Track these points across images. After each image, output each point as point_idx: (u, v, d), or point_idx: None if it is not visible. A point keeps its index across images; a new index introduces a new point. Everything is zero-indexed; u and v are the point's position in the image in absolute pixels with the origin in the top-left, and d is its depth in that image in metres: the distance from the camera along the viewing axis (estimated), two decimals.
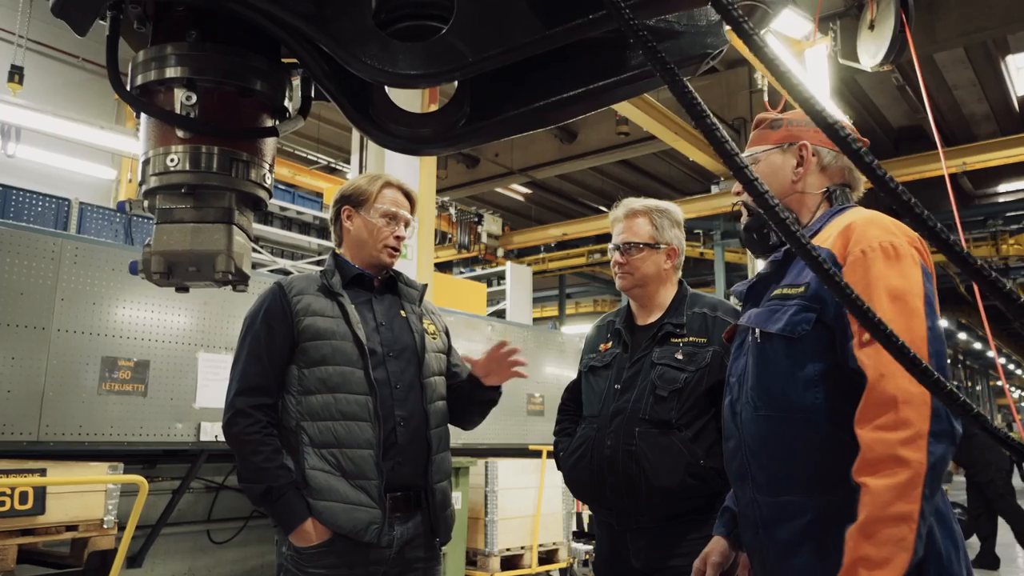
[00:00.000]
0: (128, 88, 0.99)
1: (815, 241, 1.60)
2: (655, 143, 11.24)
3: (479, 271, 13.38)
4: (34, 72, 6.66)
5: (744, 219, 1.79)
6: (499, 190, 15.05)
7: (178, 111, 0.96)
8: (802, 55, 4.86)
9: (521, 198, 16.01)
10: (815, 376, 1.50)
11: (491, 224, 14.48)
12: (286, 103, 1.07)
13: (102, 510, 2.95)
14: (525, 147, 13.52)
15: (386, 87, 1.04)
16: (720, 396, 1.81)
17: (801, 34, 4.71)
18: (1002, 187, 14.28)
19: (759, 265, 1.82)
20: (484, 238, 14.32)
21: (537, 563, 5.04)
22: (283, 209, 6.43)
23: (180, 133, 0.97)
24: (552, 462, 2.48)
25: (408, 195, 2.33)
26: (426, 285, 2.40)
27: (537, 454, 5.20)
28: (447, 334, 2.43)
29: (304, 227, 6.60)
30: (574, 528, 5.84)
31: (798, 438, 1.52)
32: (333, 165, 12.58)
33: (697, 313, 2.23)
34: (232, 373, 2.12)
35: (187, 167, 0.96)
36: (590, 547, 5.58)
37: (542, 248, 15.56)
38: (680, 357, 2.14)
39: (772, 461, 1.57)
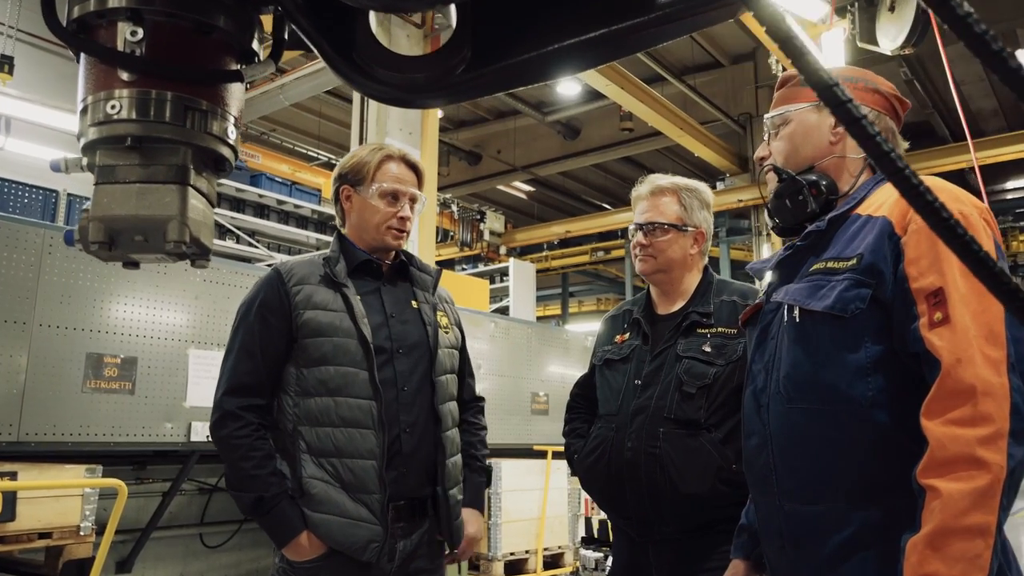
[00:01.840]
0: (64, 24, 0.83)
1: (859, 210, 1.42)
2: (659, 139, 11.11)
3: (481, 268, 13.23)
4: (24, 63, 6.52)
5: (774, 185, 1.56)
6: (501, 187, 14.91)
7: (121, 49, 0.80)
8: (818, 38, 4.69)
9: (524, 196, 15.87)
10: (868, 363, 1.30)
11: (494, 222, 14.32)
12: (255, 46, 0.91)
13: (78, 516, 2.78)
14: (528, 144, 13.40)
15: (373, 29, 0.89)
16: None
17: (818, 16, 4.53)
18: (1010, 183, 14.11)
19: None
20: (487, 236, 14.16)
21: (542, 567, 4.89)
22: (280, 203, 6.29)
23: (124, 76, 0.81)
24: (557, 463, 2.31)
25: (414, 167, 2.09)
26: (440, 270, 2.18)
27: (542, 455, 5.03)
28: (460, 328, 2.22)
29: (302, 221, 6.46)
30: (582, 533, 5.67)
31: (843, 436, 1.31)
32: (333, 162, 12.46)
33: (726, 301, 2.02)
34: (222, 368, 1.91)
35: (132, 115, 0.80)
36: (600, 555, 5.41)
37: (545, 246, 15.43)
38: (708, 349, 1.94)
39: (807, 462, 1.35)
